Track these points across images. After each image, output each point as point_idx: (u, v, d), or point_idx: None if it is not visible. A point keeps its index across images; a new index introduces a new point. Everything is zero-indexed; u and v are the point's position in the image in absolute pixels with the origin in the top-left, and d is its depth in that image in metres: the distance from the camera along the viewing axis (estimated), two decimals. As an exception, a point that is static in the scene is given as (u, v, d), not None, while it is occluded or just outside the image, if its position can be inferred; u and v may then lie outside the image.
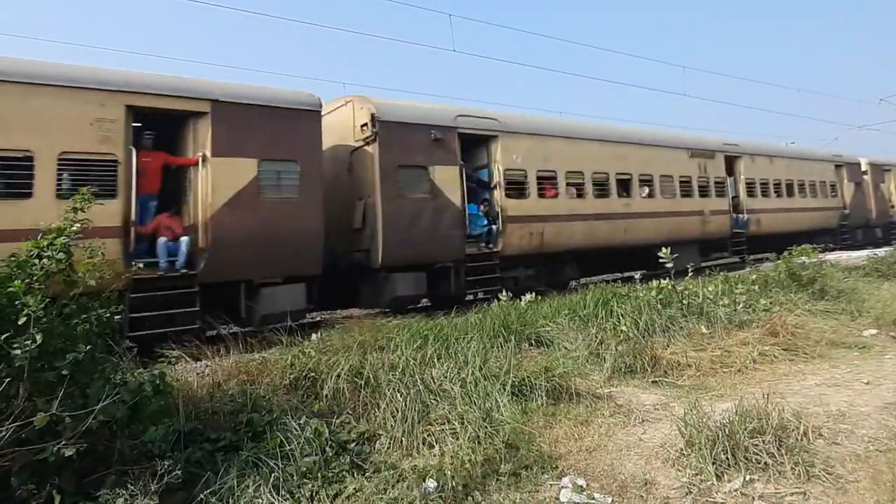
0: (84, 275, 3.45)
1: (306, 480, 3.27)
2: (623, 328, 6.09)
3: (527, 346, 6.15)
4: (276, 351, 5.52)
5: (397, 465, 3.52)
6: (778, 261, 9.83)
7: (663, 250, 7.93)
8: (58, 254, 3.34)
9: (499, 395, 4.39)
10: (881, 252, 13.11)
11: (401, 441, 3.86)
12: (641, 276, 9.13)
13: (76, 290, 3.42)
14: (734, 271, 11.23)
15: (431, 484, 3.22)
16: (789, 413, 3.85)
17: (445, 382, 4.49)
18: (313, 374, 4.67)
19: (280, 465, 3.30)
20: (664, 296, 7.26)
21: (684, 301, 7.24)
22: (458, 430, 3.82)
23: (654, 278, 7.93)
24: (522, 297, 7.56)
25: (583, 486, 3.34)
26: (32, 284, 3.18)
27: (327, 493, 3.20)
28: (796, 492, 3.17)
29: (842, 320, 7.47)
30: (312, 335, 5.70)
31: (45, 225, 3.56)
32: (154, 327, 7.21)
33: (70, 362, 3.03)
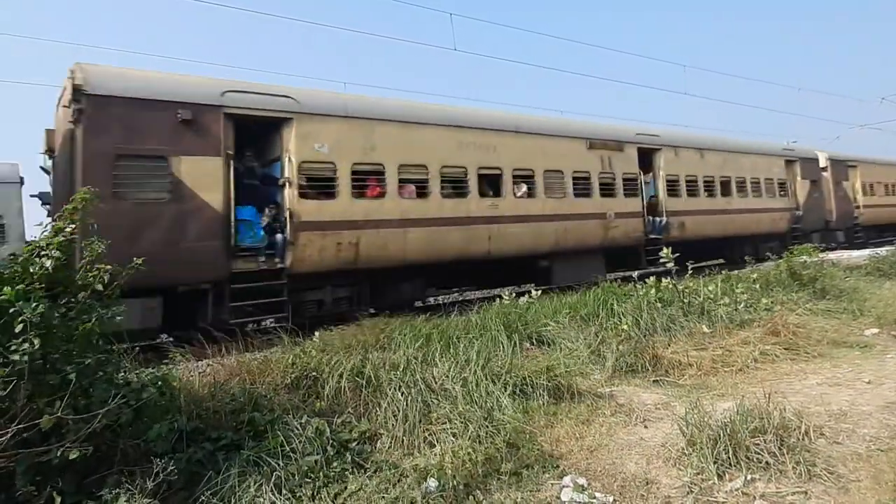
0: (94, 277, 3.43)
1: (307, 479, 3.28)
2: (624, 327, 6.10)
3: (528, 346, 6.15)
4: (278, 350, 5.52)
5: (398, 464, 3.53)
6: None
7: (664, 250, 7.92)
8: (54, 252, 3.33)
9: (500, 394, 4.40)
10: (883, 251, 13.13)
11: (402, 440, 3.86)
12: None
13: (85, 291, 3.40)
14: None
15: (432, 483, 3.22)
16: (791, 412, 3.84)
17: (447, 382, 4.50)
18: (314, 374, 4.67)
19: (281, 464, 3.30)
20: (665, 295, 7.27)
21: (685, 300, 7.25)
22: (460, 429, 3.83)
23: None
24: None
25: (584, 485, 3.34)
26: (32, 284, 3.17)
27: (328, 493, 3.21)
28: (798, 491, 3.16)
29: (843, 319, 7.46)
30: (315, 334, 5.70)
31: None
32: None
33: (74, 368, 3.01)
